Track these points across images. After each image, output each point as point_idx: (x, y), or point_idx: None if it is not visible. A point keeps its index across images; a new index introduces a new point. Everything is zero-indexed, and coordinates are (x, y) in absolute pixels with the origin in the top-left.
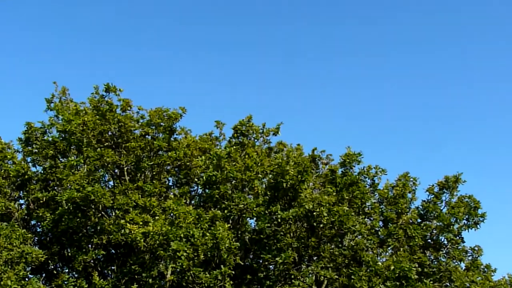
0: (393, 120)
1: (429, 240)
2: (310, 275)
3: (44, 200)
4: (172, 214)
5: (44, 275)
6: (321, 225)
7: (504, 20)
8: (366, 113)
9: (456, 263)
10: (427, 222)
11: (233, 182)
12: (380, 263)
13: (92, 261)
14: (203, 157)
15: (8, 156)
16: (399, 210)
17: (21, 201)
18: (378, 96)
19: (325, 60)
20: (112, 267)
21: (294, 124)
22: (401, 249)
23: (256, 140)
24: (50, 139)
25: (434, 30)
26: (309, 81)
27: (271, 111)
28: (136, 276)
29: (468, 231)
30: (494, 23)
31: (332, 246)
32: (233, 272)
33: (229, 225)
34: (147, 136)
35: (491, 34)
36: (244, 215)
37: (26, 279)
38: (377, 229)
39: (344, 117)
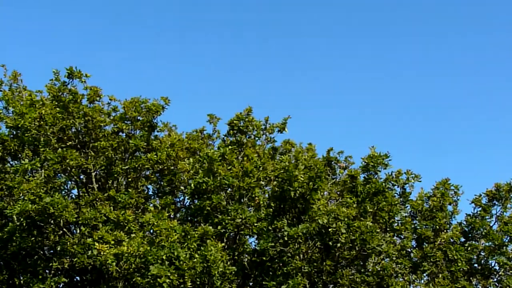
0: (427, 115)
1: (476, 265)
2: None
3: None
4: (152, 231)
5: None
6: (339, 245)
7: None
8: (394, 106)
9: None
10: (473, 242)
11: (228, 191)
12: None
13: None
14: (191, 159)
15: None
16: (437, 227)
17: None
18: (410, 83)
19: (342, 38)
20: None
21: (305, 119)
22: (440, 275)
23: (257, 139)
24: None
25: None
26: (323, 65)
27: (275, 103)
28: None
29: None
30: None
31: (353, 271)
32: None
33: (223, 244)
34: (120, 134)
35: None
36: (242, 232)
37: None
38: (409, 250)
39: (366, 110)
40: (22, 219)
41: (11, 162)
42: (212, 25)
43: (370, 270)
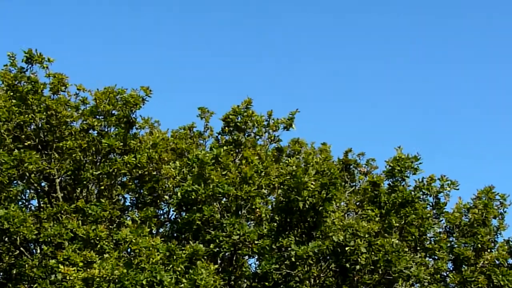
0: (465, 114)
1: None
2: None
3: None
4: (129, 250)
5: None
6: (358, 267)
7: None
8: (425, 102)
9: None
10: None
11: (223, 201)
12: None
13: None
14: (177, 162)
15: None
16: (479, 245)
17: None
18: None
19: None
20: None
21: (317, 114)
22: None
23: (258, 137)
24: None
25: None
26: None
27: (280, 95)
28: None
29: None
30: None
31: None
32: None
33: (217, 266)
34: (91, 131)
35: None
36: (240, 251)
37: None
38: (444, 273)
39: (391, 105)
40: None
41: None
42: (204, 4)
43: None
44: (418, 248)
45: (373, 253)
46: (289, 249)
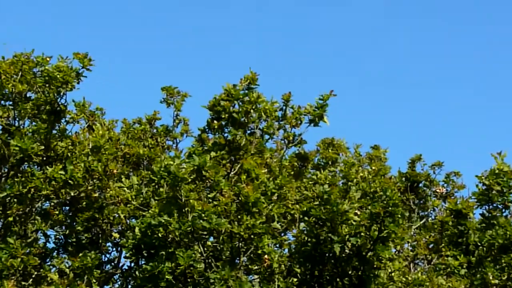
0: None
1: None
2: None
3: None
4: None
5: None
6: None
7: None
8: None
9: None
10: None
11: (210, 243)
12: None
13: None
14: (133, 178)
15: None
16: None
17: None
18: None
19: None
20: None
21: (361, 100)
22: None
23: (268, 138)
24: None
25: None
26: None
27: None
28: None
29: None
30: None
31: None
32: None
33: None
34: None
35: None
36: None
37: None
38: None
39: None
40: None
41: None
42: None
43: None
44: None
45: None
46: None
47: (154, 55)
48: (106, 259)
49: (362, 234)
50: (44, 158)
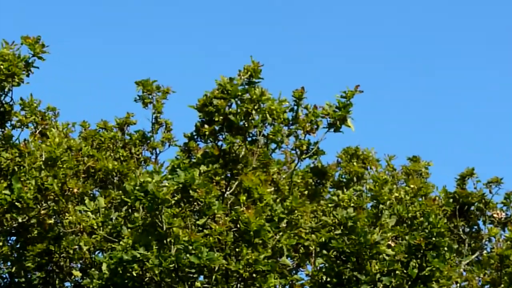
0: None
1: None
2: None
3: None
4: None
5: None
6: None
7: None
8: None
9: None
10: None
11: (198, 284)
12: None
13: None
14: (99, 199)
15: None
16: None
17: None
18: None
19: None
20: None
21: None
22: None
23: (275, 146)
24: None
25: None
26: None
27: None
28: None
29: None
30: None
31: None
32: None
33: None
34: None
35: None
36: None
37: None
38: None
39: None
40: None
41: None
42: None
43: None
44: None
45: None
46: None
47: (127, 41)
48: None
49: (397, 272)
50: None
